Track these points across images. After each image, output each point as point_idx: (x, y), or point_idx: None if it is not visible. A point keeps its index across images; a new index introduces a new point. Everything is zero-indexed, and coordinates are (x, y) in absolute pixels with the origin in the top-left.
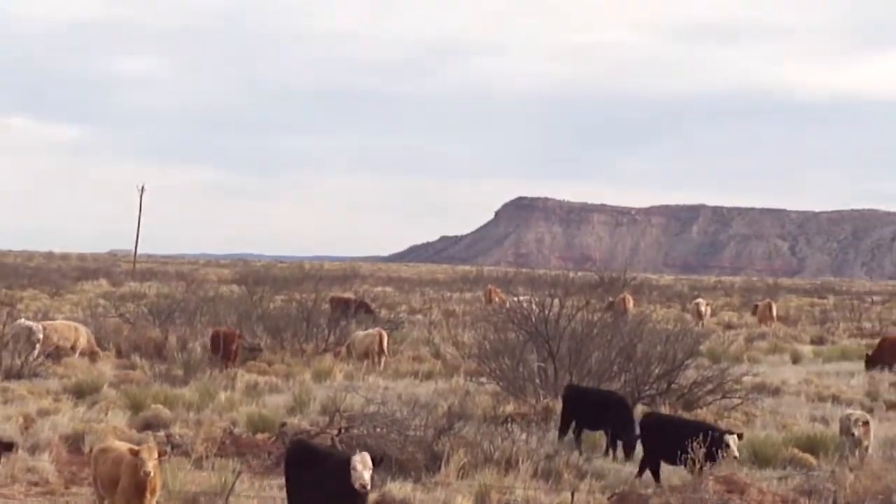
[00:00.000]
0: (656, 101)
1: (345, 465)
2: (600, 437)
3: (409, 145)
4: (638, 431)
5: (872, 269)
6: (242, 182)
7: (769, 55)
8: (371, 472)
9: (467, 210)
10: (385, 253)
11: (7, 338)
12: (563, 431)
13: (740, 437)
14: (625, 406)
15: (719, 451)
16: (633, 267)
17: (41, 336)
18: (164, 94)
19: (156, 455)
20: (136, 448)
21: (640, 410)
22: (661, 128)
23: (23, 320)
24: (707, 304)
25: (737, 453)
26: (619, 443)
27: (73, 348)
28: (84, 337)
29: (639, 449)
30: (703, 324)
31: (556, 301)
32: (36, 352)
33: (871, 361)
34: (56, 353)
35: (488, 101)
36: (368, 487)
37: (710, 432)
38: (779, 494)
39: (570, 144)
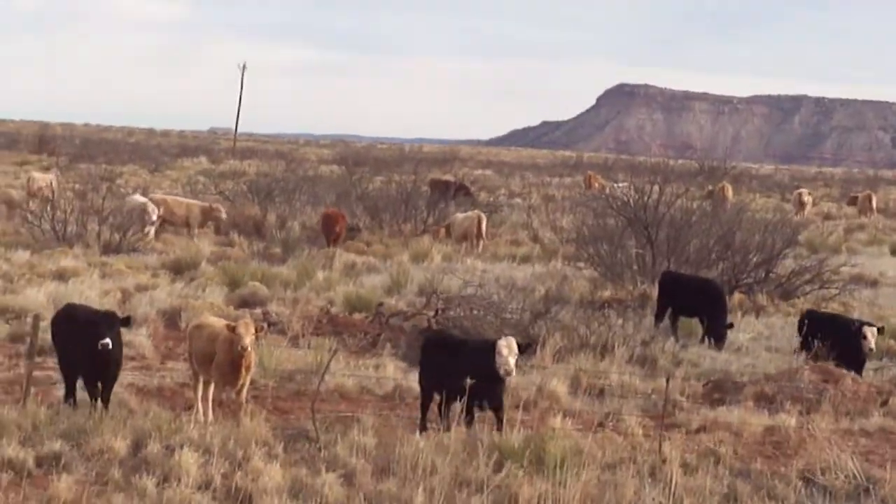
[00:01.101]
0: None
1: (489, 349)
2: (696, 324)
3: (510, 29)
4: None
5: None
6: (344, 62)
7: None
8: (516, 357)
9: (569, 96)
10: (485, 137)
11: (119, 214)
12: (658, 318)
13: (881, 330)
14: (719, 294)
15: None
16: (733, 156)
17: (155, 216)
18: None
19: (253, 331)
20: (233, 324)
21: (737, 298)
22: (764, 15)
23: (137, 196)
24: (809, 194)
25: (873, 345)
26: (711, 330)
27: (186, 224)
28: (196, 211)
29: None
30: (804, 214)
31: (656, 188)
32: (150, 229)
33: None
34: (163, 228)
35: None
36: (513, 373)
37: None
38: (874, 385)
39: (673, 32)
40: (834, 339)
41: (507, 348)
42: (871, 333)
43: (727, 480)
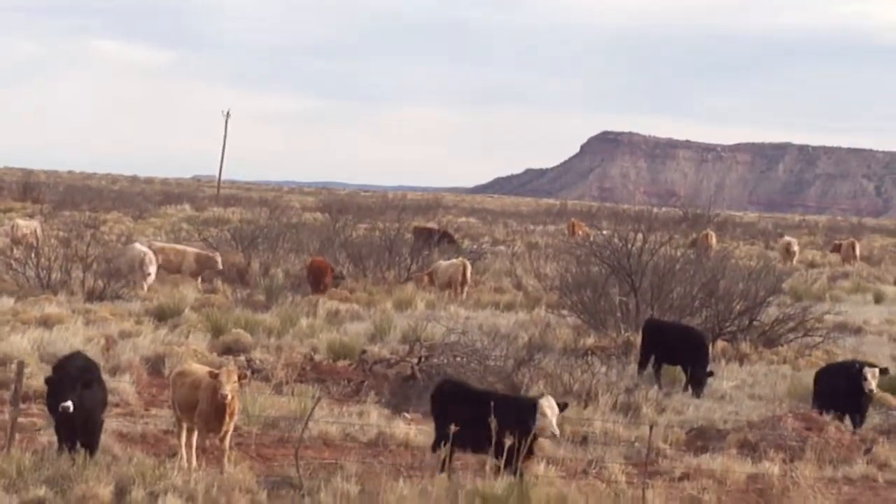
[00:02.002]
0: (744, 38)
1: (529, 408)
2: (680, 372)
3: (496, 77)
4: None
5: None
6: (328, 110)
7: None
8: (558, 416)
9: (553, 143)
10: (469, 184)
11: (103, 261)
12: (642, 365)
13: (883, 371)
14: (702, 342)
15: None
16: (717, 204)
17: (153, 266)
18: (253, 22)
19: (234, 378)
20: (215, 371)
21: (720, 346)
22: (748, 65)
23: (137, 245)
24: (797, 244)
25: (874, 387)
26: (711, 381)
27: (178, 271)
28: (191, 259)
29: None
30: (792, 263)
31: (640, 235)
32: (148, 280)
33: None
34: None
35: (576, 35)
36: (558, 434)
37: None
38: (857, 433)
39: (657, 80)
40: (841, 386)
41: (551, 409)
42: (871, 374)
43: None
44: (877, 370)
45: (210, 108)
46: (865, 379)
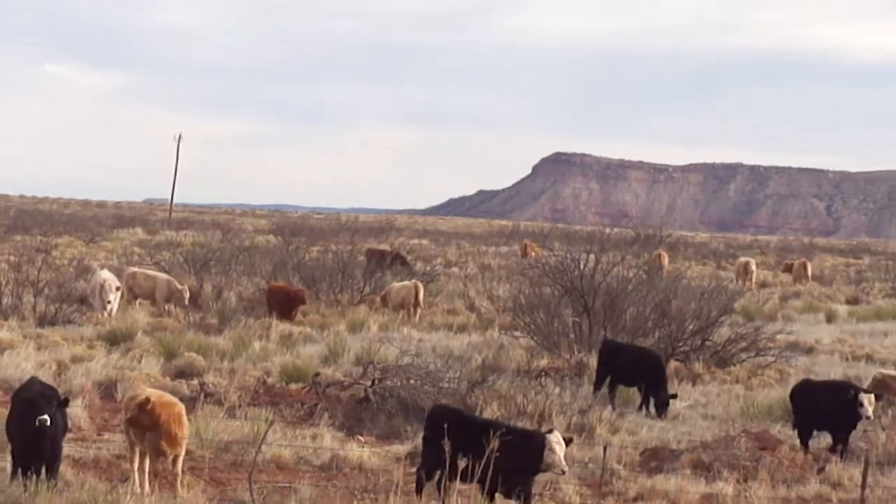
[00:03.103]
0: (697, 58)
1: (539, 444)
2: (634, 392)
3: (448, 99)
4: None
5: None
6: (281, 133)
7: (811, 15)
8: (564, 451)
9: (505, 164)
10: (422, 206)
11: (55, 286)
12: (597, 386)
13: (878, 397)
14: (659, 363)
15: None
16: (669, 224)
17: (112, 293)
18: (204, 45)
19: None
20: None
21: (673, 366)
22: (700, 86)
23: (103, 272)
24: (755, 263)
25: (870, 413)
26: (652, 399)
27: (151, 297)
28: (163, 286)
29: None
30: (751, 284)
31: (592, 256)
32: (109, 306)
33: None
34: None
35: (528, 56)
36: (566, 472)
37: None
38: (810, 452)
39: (609, 101)
40: (829, 406)
41: (559, 445)
42: (868, 401)
43: None
44: (873, 396)
45: (162, 132)
46: (862, 405)
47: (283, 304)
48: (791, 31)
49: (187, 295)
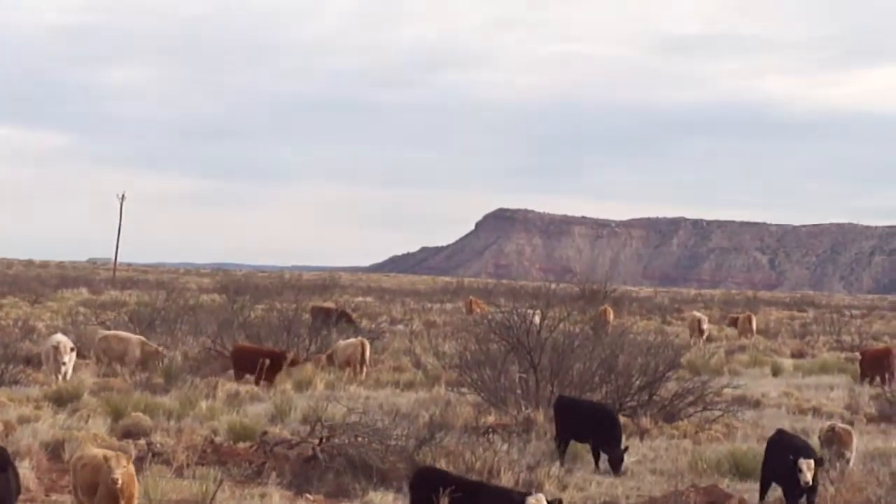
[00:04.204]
0: (637, 113)
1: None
2: (582, 448)
3: (388, 156)
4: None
5: (851, 284)
6: (222, 191)
7: (750, 70)
8: None
9: (448, 221)
10: (365, 263)
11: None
12: (561, 441)
13: (819, 462)
14: (614, 419)
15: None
16: (613, 279)
17: (66, 355)
18: (144, 104)
19: (124, 463)
20: (108, 454)
21: (621, 421)
22: (641, 141)
23: (58, 335)
24: (707, 321)
25: (809, 479)
26: (605, 456)
27: (121, 359)
28: (135, 347)
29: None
30: (702, 340)
31: (538, 312)
32: (64, 368)
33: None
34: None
35: (468, 113)
36: None
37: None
38: None
39: (552, 157)
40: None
41: None
42: (806, 466)
43: None
44: (812, 461)
45: (104, 191)
46: (801, 471)
47: (268, 366)
48: (734, 84)
49: (164, 354)
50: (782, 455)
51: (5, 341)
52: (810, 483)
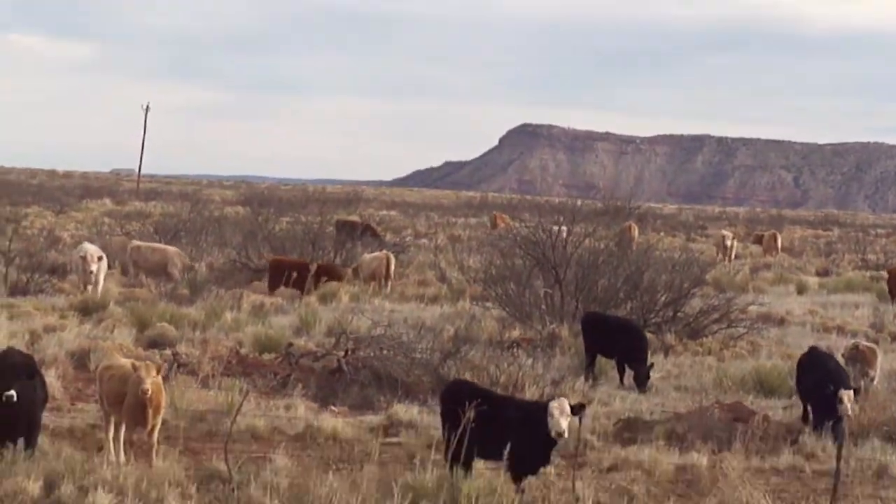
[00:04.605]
0: (665, 29)
1: (540, 410)
2: (606, 363)
3: (414, 69)
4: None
5: (875, 203)
6: (246, 103)
7: None
8: (569, 418)
9: (472, 136)
10: (388, 177)
11: (26, 255)
12: (589, 359)
13: (857, 392)
14: (641, 336)
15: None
16: (636, 196)
17: (94, 264)
18: (172, 14)
19: (154, 373)
20: (137, 364)
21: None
22: (668, 57)
23: (86, 244)
24: (733, 238)
25: (849, 411)
26: (631, 372)
27: (160, 270)
28: (175, 260)
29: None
30: (730, 258)
31: (564, 228)
32: (92, 279)
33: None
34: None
35: (495, 26)
36: (566, 435)
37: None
38: (784, 423)
39: (577, 72)
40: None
41: (559, 409)
42: (847, 398)
43: None
44: (852, 392)
45: (127, 102)
46: (841, 402)
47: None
48: (760, 1)
49: (193, 266)
50: (817, 379)
51: (31, 251)
52: (850, 414)
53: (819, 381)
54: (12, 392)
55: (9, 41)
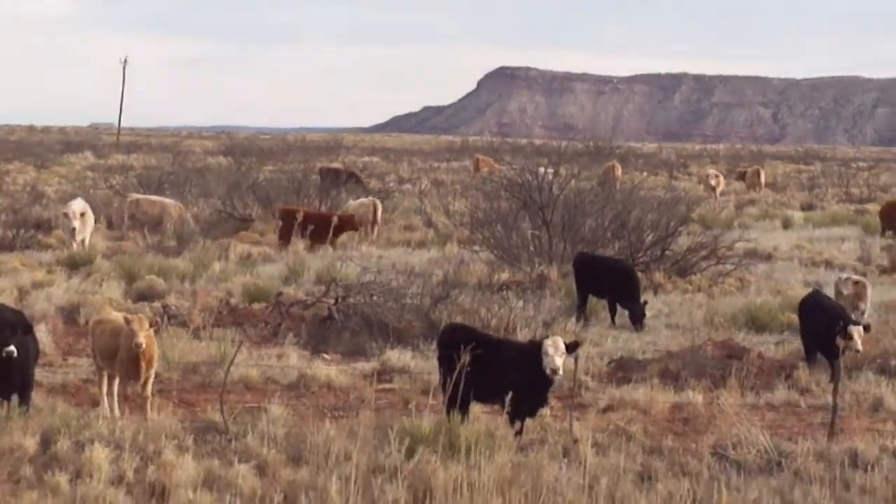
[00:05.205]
0: None
1: (535, 350)
2: (596, 303)
3: (389, 15)
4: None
5: (854, 136)
6: (222, 53)
7: None
8: (564, 357)
9: (449, 80)
10: (367, 123)
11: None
12: (581, 300)
13: (867, 328)
14: (633, 275)
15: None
16: (616, 136)
17: (76, 221)
18: None
19: (147, 326)
20: (129, 317)
21: None
22: None
23: (75, 201)
24: (717, 176)
25: (860, 347)
26: (623, 312)
27: (157, 223)
28: (172, 212)
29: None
30: (716, 196)
31: (550, 170)
32: (76, 235)
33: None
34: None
35: None
36: (561, 373)
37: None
38: (776, 359)
39: (551, 12)
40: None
41: (553, 347)
42: (857, 334)
43: (640, 458)
44: (861, 328)
45: (105, 55)
46: (852, 338)
47: (334, 228)
48: None
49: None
50: (824, 319)
51: (15, 207)
52: (860, 350)
53: (829, 320)
54: (12, 347)
55: None
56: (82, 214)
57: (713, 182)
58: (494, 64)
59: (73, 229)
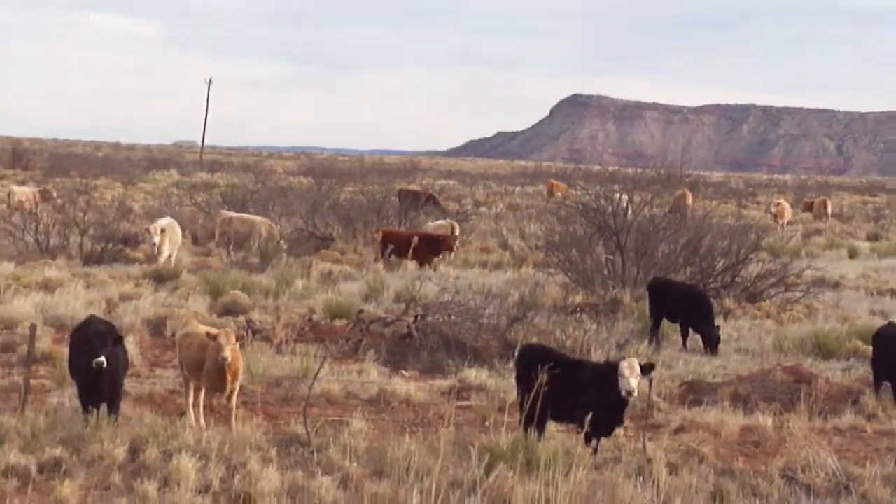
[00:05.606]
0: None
1: (611, 371)
2: (669, 327)
3: (466, 41)
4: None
5: None
6: (303, 76)
7: None
8: (639, 378)
9: (523, 106)
10: (442, 147)
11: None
12: (654, 324)
13: None
14: (707, 301)
15: None
16: (685, 164)
17: (156, 237)
18: None
19: (233, 340)
20: (214, 332)
21: None
22: (713, 26)
23: (162, 220)
24: (779, 204)
25: None
26: (696, 336)
27: (246, 240)
28: (263, 230)
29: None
30: (783, 225)
31: (625, 196)
32: (157, 251)
33: None
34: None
35: None
36: (636, 394)
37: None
38: (844, 385)
39: (625, 43)
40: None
41: (629, 369)
42: None
43: (712, 479)
44: None
45: (190, 75)
46: None
47: (433, 248)
48: None
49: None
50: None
51: (104, 221)
52: None
53: None
54: (102, 358)
55: (87, 20)
56: (163, 230)
57: (774, 210)
58: (567, 91)
59: (154, 244)
